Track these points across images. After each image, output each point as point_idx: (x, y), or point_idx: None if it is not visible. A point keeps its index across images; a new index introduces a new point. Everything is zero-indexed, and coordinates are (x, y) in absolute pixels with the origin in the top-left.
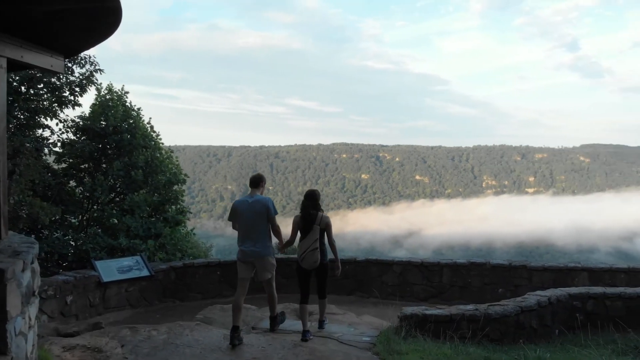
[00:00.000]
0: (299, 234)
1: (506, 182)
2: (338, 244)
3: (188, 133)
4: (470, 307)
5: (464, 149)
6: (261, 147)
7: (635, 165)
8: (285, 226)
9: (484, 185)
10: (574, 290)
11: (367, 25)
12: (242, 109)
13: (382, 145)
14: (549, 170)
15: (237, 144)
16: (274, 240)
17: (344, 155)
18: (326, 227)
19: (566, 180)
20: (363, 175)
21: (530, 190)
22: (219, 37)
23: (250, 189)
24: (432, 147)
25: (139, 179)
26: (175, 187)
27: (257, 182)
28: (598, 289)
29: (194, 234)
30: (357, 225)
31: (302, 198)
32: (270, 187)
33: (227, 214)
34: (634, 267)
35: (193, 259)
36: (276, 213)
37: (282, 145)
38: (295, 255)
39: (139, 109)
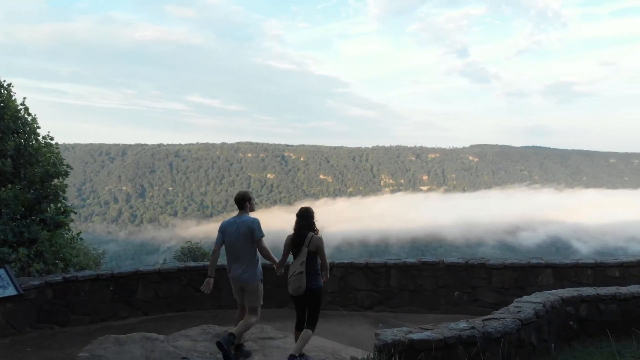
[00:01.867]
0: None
1: (402, 181)
2: None
3: (79, 130)
4: (463, 324)
5: (363, 149)
6: (159, 145)
7: (519, 164)
8: (185, 227)
9: (382, 184)
10: (566, 293)
11: (270, 24)
12: (139, 105)
13: (287, 145)
14: (441, 169)
15: (132, 142)
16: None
17: (249, 155)
18: (316, 249)
19: (457, 179)
20: (269, 175)
21: (424, 188)
22: (115, 30)
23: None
24: (335, 147)
25: (7, 170)
26: (56, 181)
27: (241, 202)
28: (589, 291)
29: (81, 238)
30: (262, 225)
31: (204, 198)
32: (170, 188)
33: (122, 216)
34: (601, 262)
35: (80, 270)
36: (262, 235)
37: (183, 143)
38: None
39: (9, 85)
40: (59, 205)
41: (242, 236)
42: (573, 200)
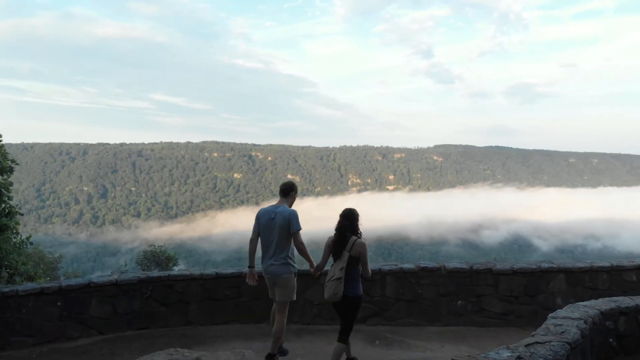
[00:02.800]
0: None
1: (369, 180)
2: (204, 246)
3: (38, 129)
4: (505, 352)
5: (331, 149)
6: (122, 144)
7: (482, 164)
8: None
9: (349, 184)
10: (603, 305)
11: (236, 23)
12: (101, 103)
13: (255, 144)
14: (407, 168)
15: (94, 141)
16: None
17: (215, 154)
18: (358, 255)
19: (422, 178)
20: (235, 175)
21: (391, 187)
22: (76, 26)
23: (279, 197)
24: (303, 147)
25: None
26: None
27: (286, 190)
28: (627, 301)
29: (31, 242)
30: (227, 226)
31: (168, 199)
32: (133, 188)
33: (83, 217)
34: (617, 265)
35: (29, 279)
36: (299, 228)
37: (146, 142)
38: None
39: None
40: (3, 206)
41: (277, 227)
42: (534, 198)
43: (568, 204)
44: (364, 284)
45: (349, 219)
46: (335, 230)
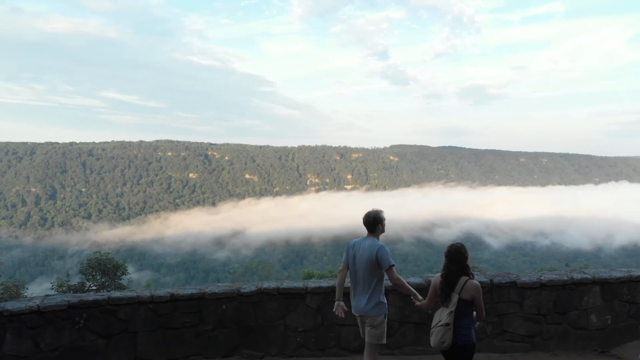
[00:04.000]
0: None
1: (327, 180)
2: (156, 249)
3: None
4: None
5: (289, 149)
6: (71, 143)
7: (436, 164)
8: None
9: (308, 183)
10: None
11: (191, 20)
12: (49, 101)
13: (211, 144)
14: (364, 168)
15: (42, 141)
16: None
17: (170, 153)
18: (472, 298)
19: (378, 178)
20: (191, 175)
21: (349, 187)
22: (24, 21)
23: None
24: (261, 147)
25: None
26: None
27: (372, 224)
28: None
29: None
30: (179, 228)
31: (120, 200)
32: (83, 189)
33: (31, 219)
34: None
35: None
36: (391, 264)
37: (97, 141)
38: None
39: None
40: None
41: (364, 262)
42: (486, 197)
43: (518, 202)
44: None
45: (454, 261)
46: (441, 277)
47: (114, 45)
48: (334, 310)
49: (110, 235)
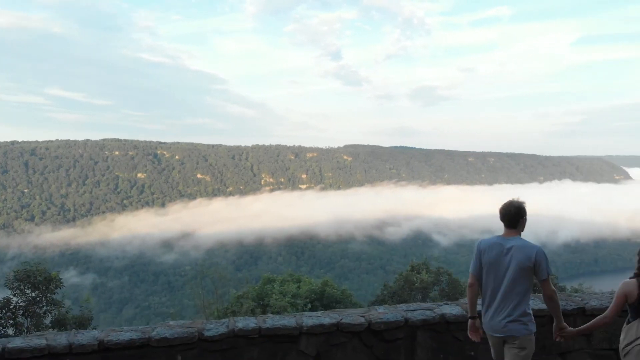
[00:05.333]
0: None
1: (282, 180)
2: (102, 252)
3: None
4: None
5: (243, 148)
6: (13, 142)
7: (388, 163)
8: None
9: (262, 183)
10: None
11: (140, 15)
12: None
13: (160, 143)
14: (319, 167)
15: None
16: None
17: (117, 153)
18: None
19: (332, 177)
20: (139, 175)
21: (303, 186)
22: None
23: (504, 227)
24: (213, 146)
25: None
26: None
27: (514, 217)
28: None
29: None
30: (126, 230)
31: (65, 201)
32: (26, 190)
33: None
34: None
35: None
36: (550, 273)
37: (40, 140)
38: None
39: None
40: None
41: (513, 267)
42: (435, 196)
43: (467, 201)
44: (377, 348)
45: None
46: (636, 274)
47: (59, 40)
48: (468, 332)
49: (53, 237)
